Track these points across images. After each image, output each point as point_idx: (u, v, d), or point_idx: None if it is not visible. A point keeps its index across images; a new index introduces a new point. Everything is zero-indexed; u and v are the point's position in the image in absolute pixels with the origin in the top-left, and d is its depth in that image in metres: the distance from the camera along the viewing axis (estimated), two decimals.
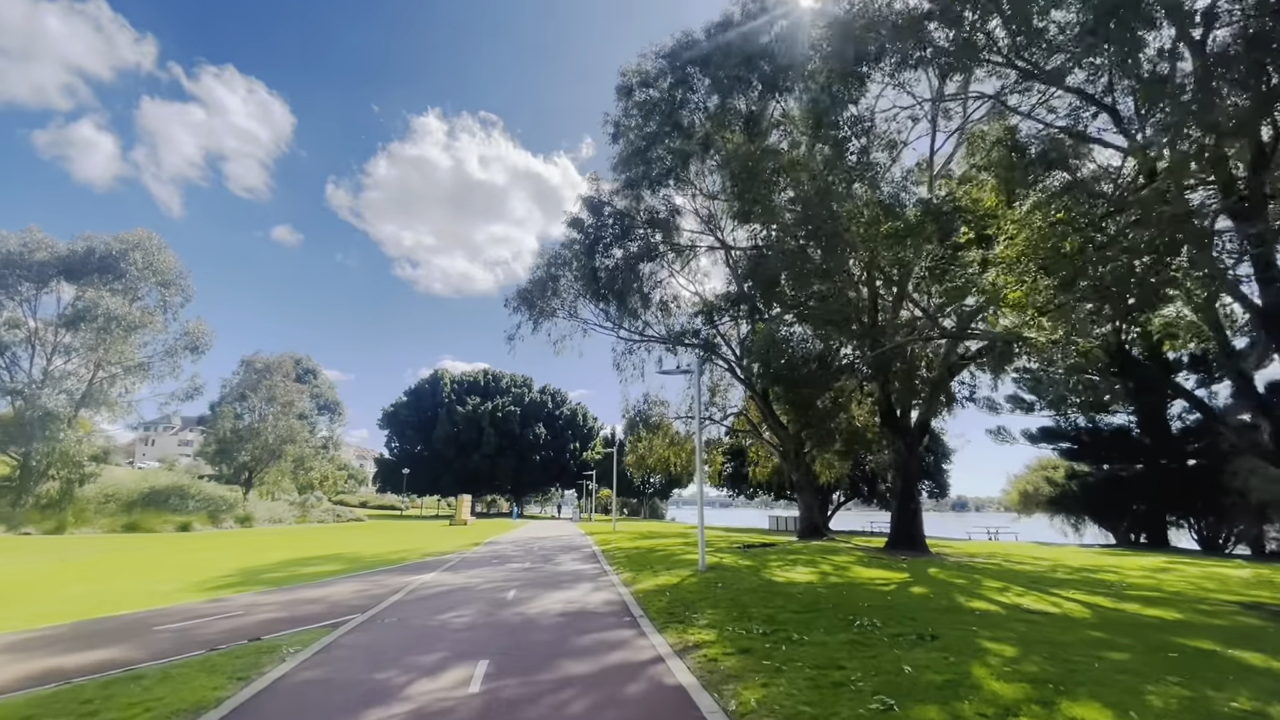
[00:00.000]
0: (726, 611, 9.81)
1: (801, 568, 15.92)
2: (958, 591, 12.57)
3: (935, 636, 8.19)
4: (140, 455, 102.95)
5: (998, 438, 43.18)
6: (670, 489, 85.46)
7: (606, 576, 14.61)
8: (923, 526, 22.83)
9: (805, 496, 29.95)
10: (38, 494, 35.28)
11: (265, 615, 9.77)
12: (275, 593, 12.17)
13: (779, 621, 9.06)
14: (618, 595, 11.74)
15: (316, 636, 8.20)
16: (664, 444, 36.83)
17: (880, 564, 17.59)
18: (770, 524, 53.63)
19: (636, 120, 20.42)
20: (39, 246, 37.94)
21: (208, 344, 43.71)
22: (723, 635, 8.25)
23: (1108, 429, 37.39)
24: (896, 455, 22.05)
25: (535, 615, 9.71)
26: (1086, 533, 43.43)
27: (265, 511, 46.62)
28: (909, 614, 9.86)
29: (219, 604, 10.87)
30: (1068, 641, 8.16)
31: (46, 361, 39.29)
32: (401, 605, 10.71)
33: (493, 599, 11.26)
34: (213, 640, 8.04)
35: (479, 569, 16.22)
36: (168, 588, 13.00)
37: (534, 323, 29.85)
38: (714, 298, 30.75)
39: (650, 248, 22.69)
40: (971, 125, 21.34)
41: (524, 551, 21.92)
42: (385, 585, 13.08)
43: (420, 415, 79.51)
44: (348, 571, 15.65)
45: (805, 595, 11.48)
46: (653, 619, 9.43)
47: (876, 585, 13.26)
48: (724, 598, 11.06)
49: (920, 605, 10.77)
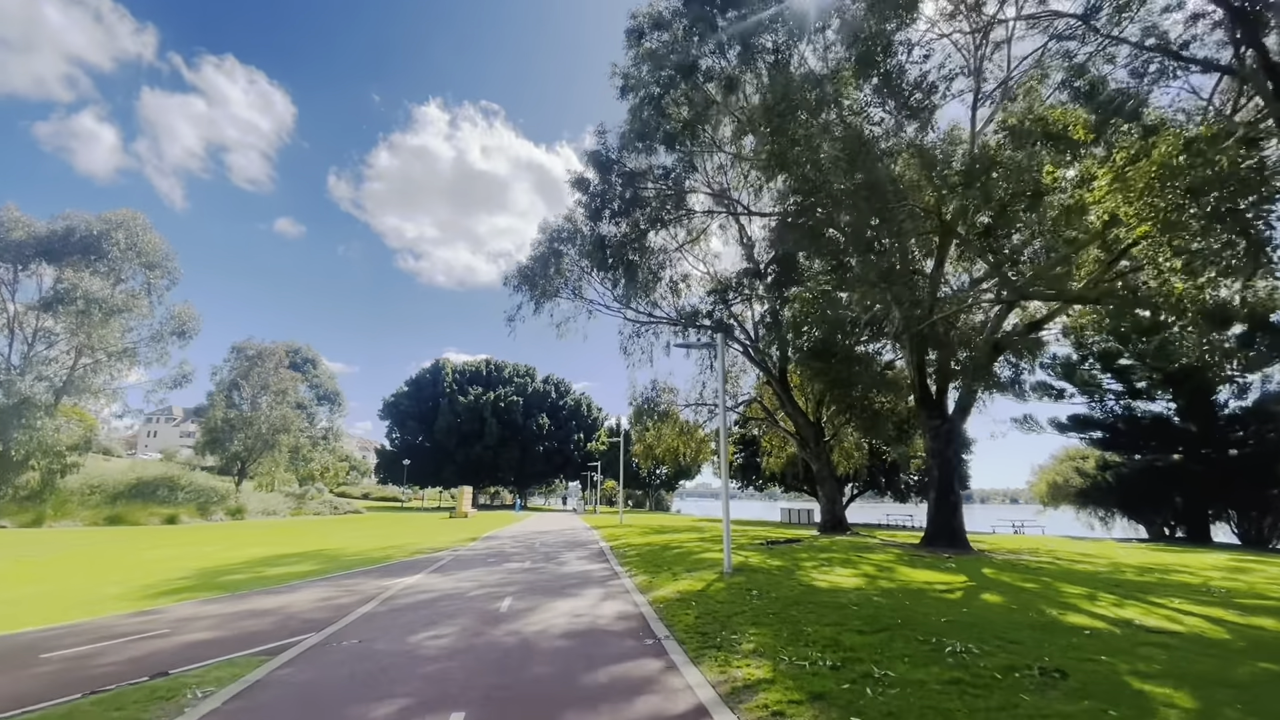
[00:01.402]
0: (774, 631, 7.79)
1: (841, 569, 13.90)
2: (1039, 600, 10.54)
3: (1062, 673, 6.16)
4: (143, 447, 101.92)
5: (1024, 426, 40.88)
6: (677, 480, 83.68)
7: (618, 580, 12.62)
8: (963, 521, 20.77)
9: (827, 488, 27.92)
10: (16, 485, 33.60)
11: (194, 635, 7.80)
12: (224, 601, 10.22)
13: (846, 646, 7.05)
14: (634, 606, 9.74)
15: (243, 671, 6.22)
16: (673, 433, 34.76)
17: (925, 563, 15.57)
18: (782, 517, 51.66)
19: (648, 69, 18.14)
20: (15, 225, 36.00)
21: (195, 329, 41.84)
22: (779, 669, 6.25)
23: (1146, 417, 35.13)
24: (935, 441, 19.94)
25: (534, 636, 7.71)
26: (1115, 526, 41.30)
27: (259, 503, 44.92)
28: (1002, 634, 7.84)
29: (148, 618, 8.91)
30: (1243, 679, 6.12)
31: (28, 347, 37.52)
32: (370, 621, 8.73)
33: (483, 612, 9.28)
34: (103, 676, 6.07)
35: (472, 570, 14.25)
36: (110, 592, 11.10)
37: (535, 303, 27.81)
38: (730, 274, 28.66)
39: (662, 212, 20.46)
40: (1014, 82, 19.19)
41: (524, 548, 19.97)
42: (358, 592, 11.12)
43: (421, 406, 77.72)
44: (321, 573, 13.70)
45: (862, 607, 9.46)
46: (682, 641, 7.43)
47: (937, 591, 11.24)
48: (765, 611, 9.05)
49: (1007, 621, 8.73)
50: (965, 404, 20.63)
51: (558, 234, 27.27)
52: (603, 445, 76.94)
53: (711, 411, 34.84)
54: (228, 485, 45.32)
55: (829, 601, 9.87)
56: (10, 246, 35.87)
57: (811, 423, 28.85)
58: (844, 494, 46.51)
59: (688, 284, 28.76)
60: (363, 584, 12.05)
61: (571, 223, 27.21)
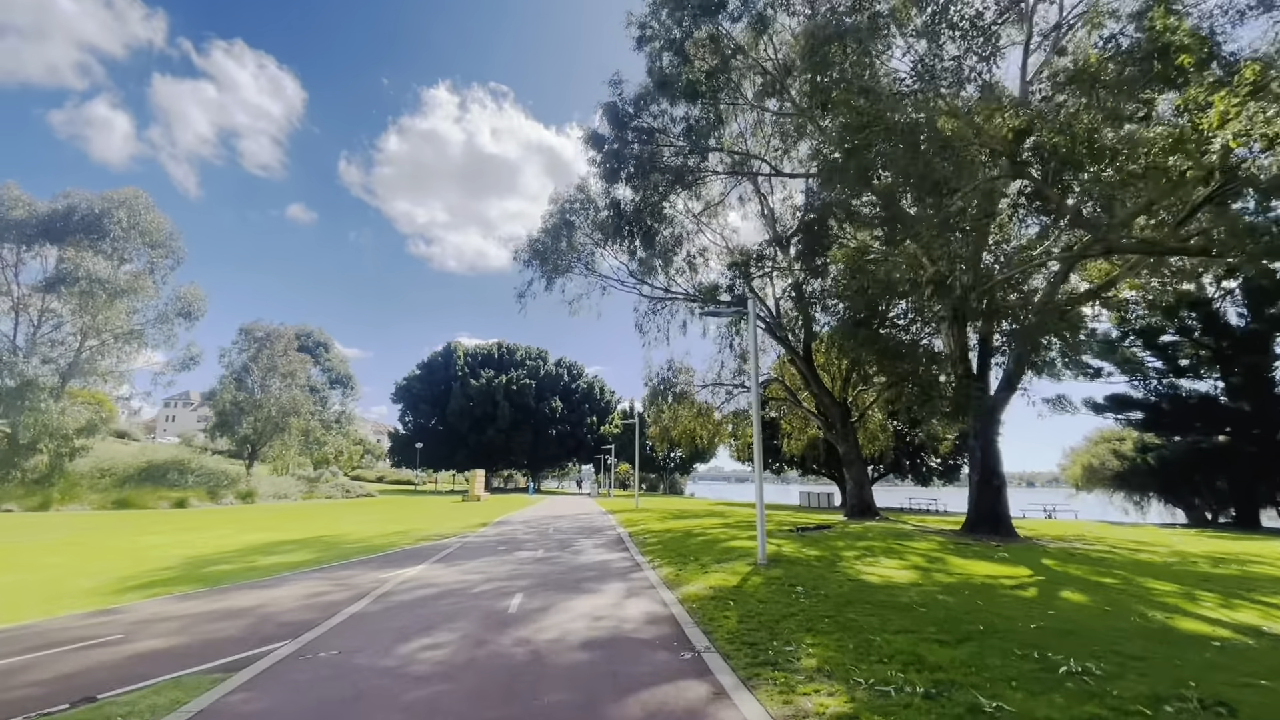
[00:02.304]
0: (837, 641, 6.46)
1: (886, 560, 12.54)
2: (1129, 599, 9.12)
3: (1228, 707, 4.78)
4: (161, 431, 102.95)
5: (1056, 407, 39.07)
6: (692, 463, 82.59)
7: (641, 572, 11.36)
8: (1008, 506, 19.29)
9: (854, 471, 26.48)
10: (24, 469, 33.15)
11: (150, 642, 6.63)
12: (199, 598, 9.09)
13: (931, 663, 5.70)
14: (663, 605, 8.46)
15: (187, 696, 5.01)
16: (690, 414, 33.41)
17: (975, 553, 14.17)
18: (800, 500, 50.31)
19: (669, 12, 16.42)
20: (15, 204, 35.17)
21: (201, 310, 41.01)
22: (858, 696, 4.92)
23: (1193, 396, 33.14)
24: (977, 420, 18.40)
25: (547, 646, 6.45)
26: (1150, 511, 39.52)
27: (270, 487, 44.40)
28: (1113, 646, 6.45)
29: (107, 618, 7.79)
30: None
31: (34, 329, 36.93)
32: (357, 624, 7.53)
33: (489, 613, 8.05)
34: (12, 704, 4.89)
35: (479, 560, 13.08)
36: (82, 585, 10.05)
37: (547, 279, 26.44)
38: (751, 247, 27.08)
39: (683, 173, 18.80)
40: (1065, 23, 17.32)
41: (537, 534, 18.83)
42: (351, 586, 9.95)
43: (433, 389, 77.02)
44: (316, 563, 12.59)
45: (929, 608, 8.10)
46: (727, 655, 6.12)
47: (1006, 588, 9.85)
48: (818, 613, 7.72)
49: (1109, 628, 7.33)
50: (1013, 378, 19.05)
51: (569, 204, 25.80)
52: (616, 428, 75.91)
53: (729, 393, 33.47)
54: (238, 469, 44.83)
55: (888, 601, 8.53)
56: (12, 226, 35.08)
57: (838, 402, 27.38)
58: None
59: (705, 259, 27.22)
60: (358, 577, 10.90)
61: (583, 192, 25.71)
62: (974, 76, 11.86)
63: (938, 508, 41.29)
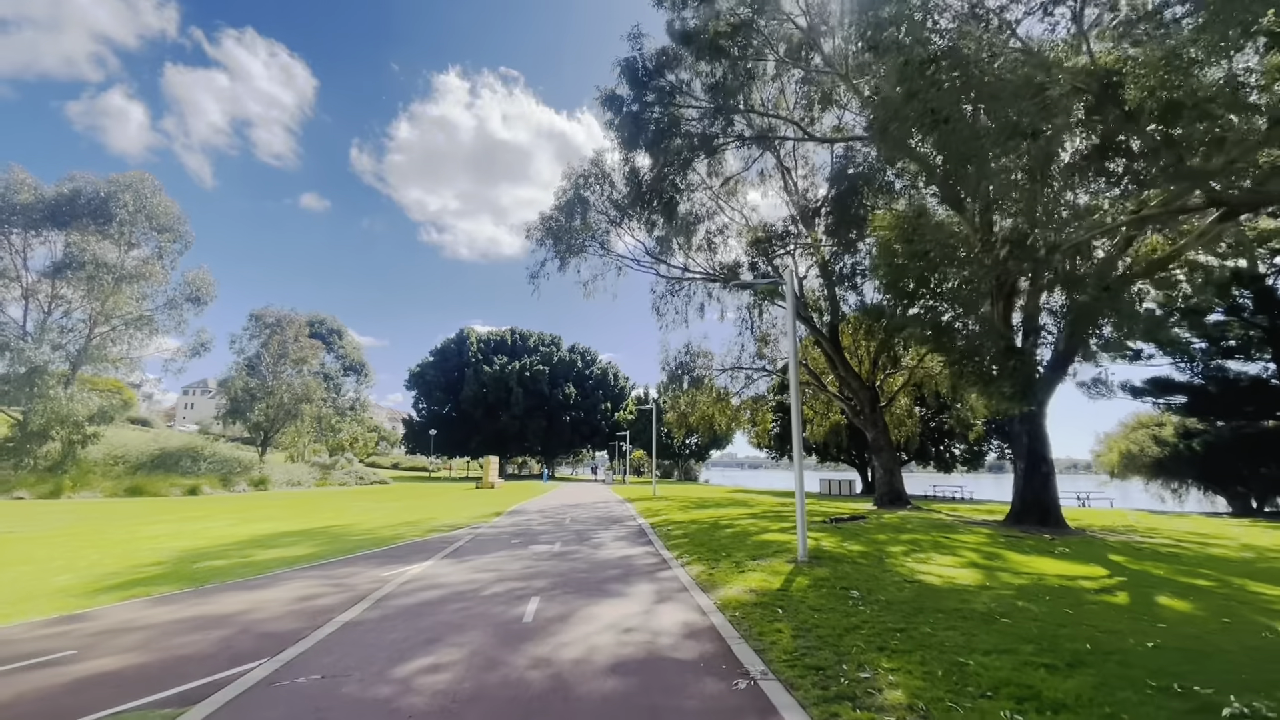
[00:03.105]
0: (920, 664, 5.31)
1: (938, 555, 11.34)
2: (1238, 606, 7.86)
3: None
4: (180, 419, 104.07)
5: (1092, 391, 37.35)
6: (709, 450, 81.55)
7: (669, 570, 10.28)
8: (1057, 494, 17.97)
9: (884, 458, 25.20)
10: (37, 456, 32.88)
11: (104, 661, 5.65)
12: (178, 601, 8.15)
13: (1049, 700, 4.53)
14: (699, 613, 7.35)
15: None
16: (708, 399, 32.24)
17: (1030, 547, 12.92)
18: (821, 488, 49.05)
19: None
20: (21, 187, 34.54)
21: (210, 295, 40.40)
22: None
23: (1243, 378, 31.28)
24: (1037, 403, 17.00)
25: (570, 669, 5.36)
26: (1188, 499, 37.75)
27: (284, 474, 44.04)
28: (1268, 674, 5.24)
29: (67, 627, 6.85)
30: None
31: (44, 316, 36.52)
32: (349, 636, 6.52)
33: (501, 622, 7.00)
34: None
35: (492, 555, 12.08)
36: (56, 584, 9.18)
37: (560, 260, 25.31)
38: (775, 223, 25.73)
39: (710, 138, 17.42)
40: None
41: (554, 525, 17.85)
42: (349, 587, 8.97)
43: (447, 376, 76.51)
44: (316, 558, 11.66)
45: (1012, 618, 6.92)
46: (791, 683, 4.99)
47: (1089, 591, 8.63)
48: (884, 625, 6.57)
49: (1242, 646, 6.10)
50: (1064, 359, 17.65)
51: (584, 179, 24.55)
52: (630, 414, 74.92)
53: (749, 377, 32.30)
54: (252, 455, 44.52)
55: (961, 609, 7.35)
56: (18, 210, 34.50)
57: (866, 386, 26.05)
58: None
59: (724, 238, 25.90)
60: (358, 575, 9.93)
61: (598, 166, 24.45)
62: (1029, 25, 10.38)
63: (965, 495, 39.88)
